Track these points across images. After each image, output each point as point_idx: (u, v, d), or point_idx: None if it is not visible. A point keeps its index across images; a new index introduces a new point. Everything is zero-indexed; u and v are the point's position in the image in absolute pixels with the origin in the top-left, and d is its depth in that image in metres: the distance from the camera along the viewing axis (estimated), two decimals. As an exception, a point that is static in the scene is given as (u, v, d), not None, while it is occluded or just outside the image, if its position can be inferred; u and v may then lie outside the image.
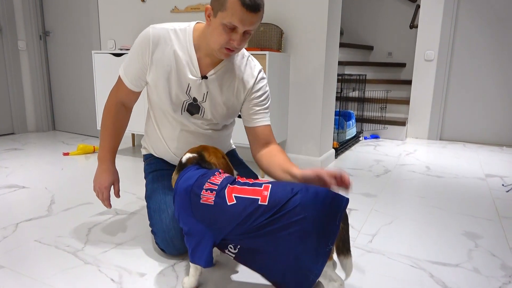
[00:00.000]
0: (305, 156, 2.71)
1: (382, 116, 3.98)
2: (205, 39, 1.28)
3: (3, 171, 2.55)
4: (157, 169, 1.54)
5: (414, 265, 1.39)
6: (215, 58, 1.32)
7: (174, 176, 1.25)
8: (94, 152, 3.13)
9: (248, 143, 2.44)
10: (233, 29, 1.17)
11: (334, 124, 3.20)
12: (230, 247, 1.11)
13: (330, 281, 1.06)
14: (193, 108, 1.40)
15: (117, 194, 1.53)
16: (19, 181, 2.35)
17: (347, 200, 1.02)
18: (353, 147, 3.45)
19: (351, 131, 3.53)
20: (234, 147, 1.75)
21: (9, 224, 1.72)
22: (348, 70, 4.72)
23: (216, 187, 1.09)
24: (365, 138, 3.86)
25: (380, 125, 3.90)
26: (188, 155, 1.24)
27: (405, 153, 3.26)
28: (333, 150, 2.96)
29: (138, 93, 1.47)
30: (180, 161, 1.24)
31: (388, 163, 2.89)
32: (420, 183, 2.39)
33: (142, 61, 1.36)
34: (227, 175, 1.17)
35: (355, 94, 4.11)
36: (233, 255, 1.12)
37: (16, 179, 2.38)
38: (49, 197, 2.08)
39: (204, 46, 1.31)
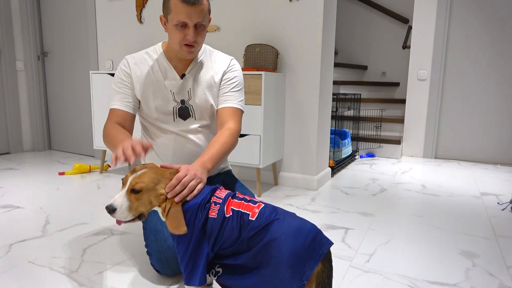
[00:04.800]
0: (301, 175, 2.71)
1: (377, 135, 4.02)
2: (170, 46, 1.42)
3: (-3, 191, 2.53)
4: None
5: (412, 285, 1.38)
6: (186, 61, 1.46)
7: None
8: (90, 171, 3.12)
9: (242, 162, 2.47)
10: (184, 26, 1.32)
11: (330, 143, 3.22)
12: (217, 267, 1.12)
13: None
14: (183, 111, 1.48)
15: (145, 148, 1.13)
16: (13, 201, 2.33)
17: (331, 242, 1.02)
18: (349, 166, 3.46)
19: (346, 150, 3.55)
20: (230, 168, 1.75)
21: (2, 245, 1.70)
22: (343, 90, 4.78)
23: (220, 200, 1.13)
24: (361, 157, 3.88)
25: (376, 143, 3.92)
26: None
27: (401, 171, 3.27)
28: (329, 169, 2.96)
29: (133, 116, 1.47)
30: None
31: (384, 182, 2.90)
32: (416, 202, 2.40)
33: (127, 80, 1.45)
34: (228, 191, 1.19)
35: (350, 113, 4.15)
36: (217, 276, 1.12)
37: (11, 199, 2.36)
38: (44, 217, 2.06)
39: (173, 54, 1.44)
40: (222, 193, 1.16)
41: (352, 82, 4.77)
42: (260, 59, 2.65)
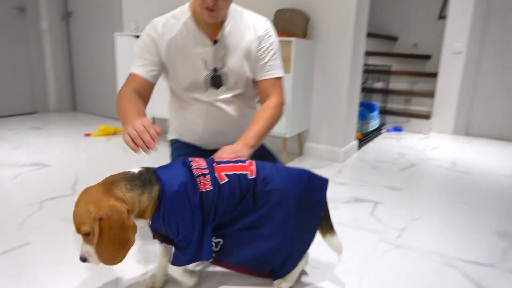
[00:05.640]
0: (328, 147, 2.65)
1: (405, 109, 3.89)
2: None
3: (26, 149, 2.57)
4: (184, 154, 1.51)
5: (446, 263, 1.34)
6: (216, 25, 1.35)
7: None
8: (115, 134, 3.14)
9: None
10: None
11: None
12: (215, 238, 1.07)
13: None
14: (216, 80, 1.39)
15: (157, 134, 1.03)
16: (42, 159, 2.37)
17: (327, 178, 1.11)
18: (375, 139, 3.38)
19: (374, 123, 3.45)
20: None
21: (34, 201, 1.73)
22: (371, 61, 4.61)
23: (207, 171, 1.03)
24: (388, 131, 3.78)
25: (404, 117, 3.80)
26: (139, 168, 1.02)
27: (430, 147, 3.17)
28: (356, 142, 2.89)
29: (152, 85, 1.35)
30: (144, 176, 0.99)
31: (412, 157, 2.82)
32: (446, 179, 2.32)
33: (152, 46, 1.33)
34: (201, 158, 1.10)
35: (379, 85, 4.01)
36: (219, 246, 1.08)
37: (40, 158, 2.40)
38: (73, 176, 2.09)
39: (201, 18, 1.32)
40: (199, 162, 1.05)
41: (381, 53, 4.58)
42: (290, 24, 2.54)
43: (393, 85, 4.06)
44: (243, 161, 1.08)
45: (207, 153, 1.52)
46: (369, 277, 1.24)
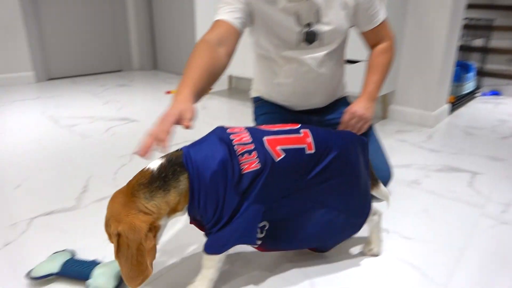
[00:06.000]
0: (416, 110, 2.44)
1: (507, 70, 3.42)
2: None
3: (116, 105, 2.73)
4: (268, 112, 1.47)
5: None
6: None
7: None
8: (193, 92, 3.21)
9: (349, 90, 2.27)
10: None
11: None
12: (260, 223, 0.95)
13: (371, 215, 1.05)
14: (310, 36, 1.28)
15: (187, 122, 0.86)
16: (130, 114, 2.50)
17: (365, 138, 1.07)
18: (468, 104, 3.04)
19: (468, 85, 3.10)
20: (347, 95, 1.59)
21: (125, 153, 1.84)
22: (469, 14, 4.07)
23: (252, 146, 0.86)
24: (483, 94, 3.38)
25: (504, 80, 3.35)
26: (160, 160, 0.87)
27: (536, 114, 2.78)
28: (448, 105, 2.62)
29: (238, 33, 1.18)
30: (166, 171, 0.83)
31: (515, 125, 2.49)
32: (560, 151, 2.02)
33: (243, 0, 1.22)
34: (242, 128, 0.92)
35: (477, 42, 3.55)
36: (260, 238, 0.93)
37: (127, 113, 2.53)
38: (158, 132, 2.18)
39: None
40: (241, 135, 0.88)
41: (482, 6, 4.02)
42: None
43: (495, 42, 3.57)
44: (298, 131, 0.93)
45: (293, 114, 1.46)
46: (472, 253, 1.12)
